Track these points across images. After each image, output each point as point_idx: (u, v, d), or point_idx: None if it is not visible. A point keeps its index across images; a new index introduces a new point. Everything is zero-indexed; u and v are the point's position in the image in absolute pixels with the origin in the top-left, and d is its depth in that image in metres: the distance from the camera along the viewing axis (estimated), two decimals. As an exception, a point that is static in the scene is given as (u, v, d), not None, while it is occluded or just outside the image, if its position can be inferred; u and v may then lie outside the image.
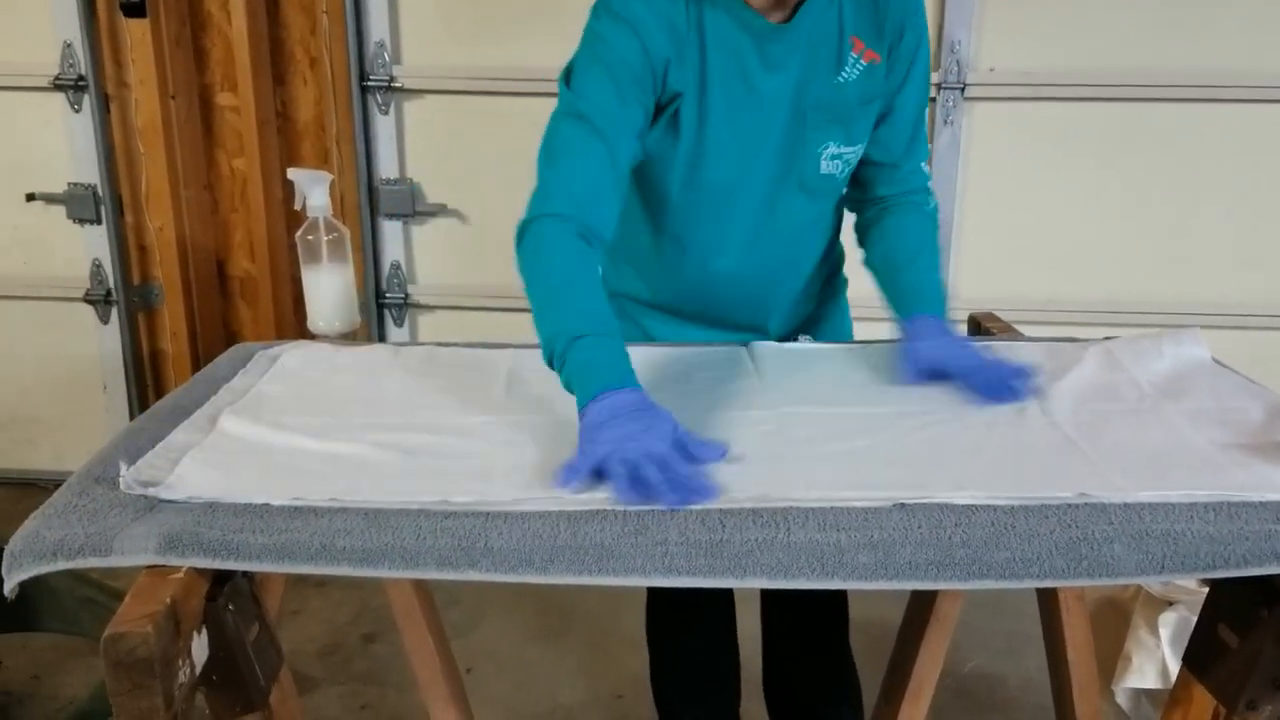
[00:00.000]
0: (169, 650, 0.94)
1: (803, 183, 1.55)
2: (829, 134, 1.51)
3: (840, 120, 1.51)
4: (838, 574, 1.02)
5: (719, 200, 1.55)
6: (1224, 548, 1.03)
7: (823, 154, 1.53)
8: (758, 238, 1.60)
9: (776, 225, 1.59)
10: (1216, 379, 1.44)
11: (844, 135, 1.52)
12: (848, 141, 1.53)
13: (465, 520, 1.06)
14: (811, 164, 1.53)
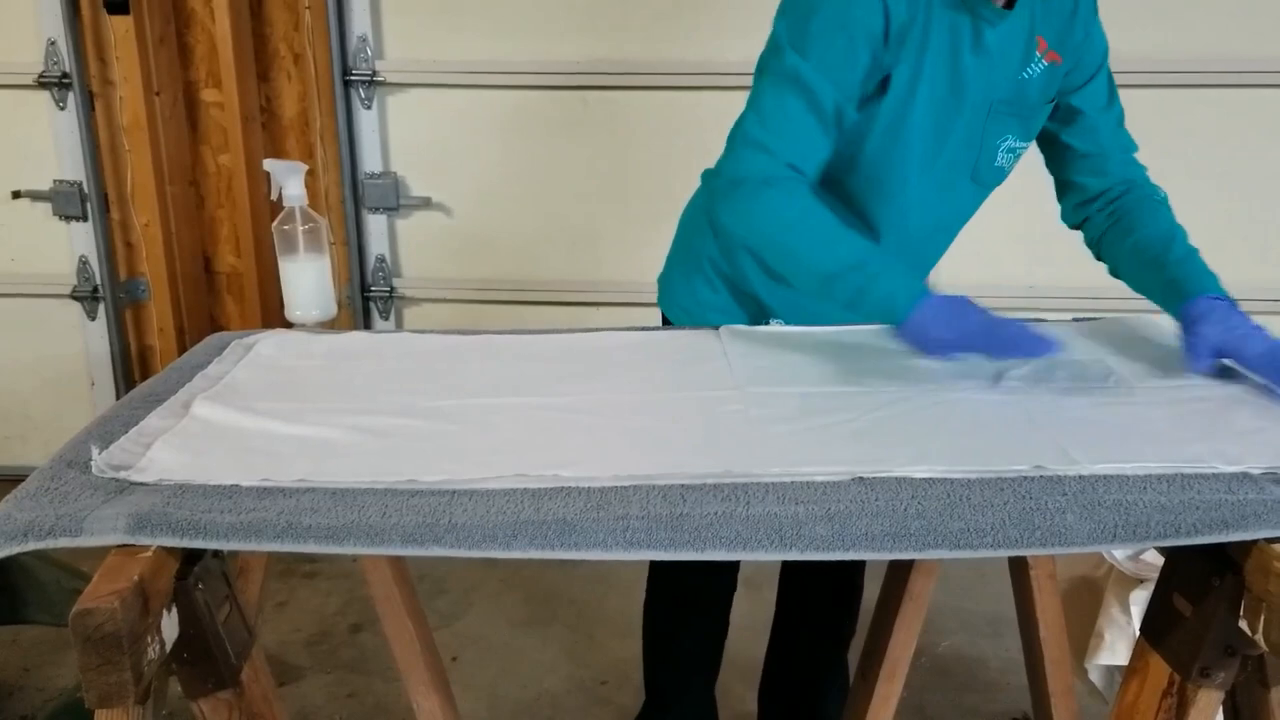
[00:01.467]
0: (136, 627, 0.96)
1: (976, 171, 1.60)
2: (1009, 127, 1.56)
3: (1020, 115, 1.55)
4: (795, 545, 1.04)
5: (902, 175, 1.56)
6: (1175, 517, 1.05)
7: (1000, 146, 1.57)
8: (924, 219, 1.62)
9: (943, 210, 1.63)
10: (1177, 355, 1.46)
11: (1022, 130, 1.57)
12: (1024, 137, 1.59)
13: (431, 498, 1.08)
14: (989, 154, 1.58)
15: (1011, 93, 1.53)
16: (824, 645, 2.01)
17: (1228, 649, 1.11)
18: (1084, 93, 1.59)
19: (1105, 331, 1.57)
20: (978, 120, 1.53)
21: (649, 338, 1.60)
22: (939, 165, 1.56)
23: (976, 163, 1.58)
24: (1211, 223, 2.98)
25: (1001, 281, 3.05)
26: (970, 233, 3.00)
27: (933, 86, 1.48)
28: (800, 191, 1.44)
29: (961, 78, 1.49)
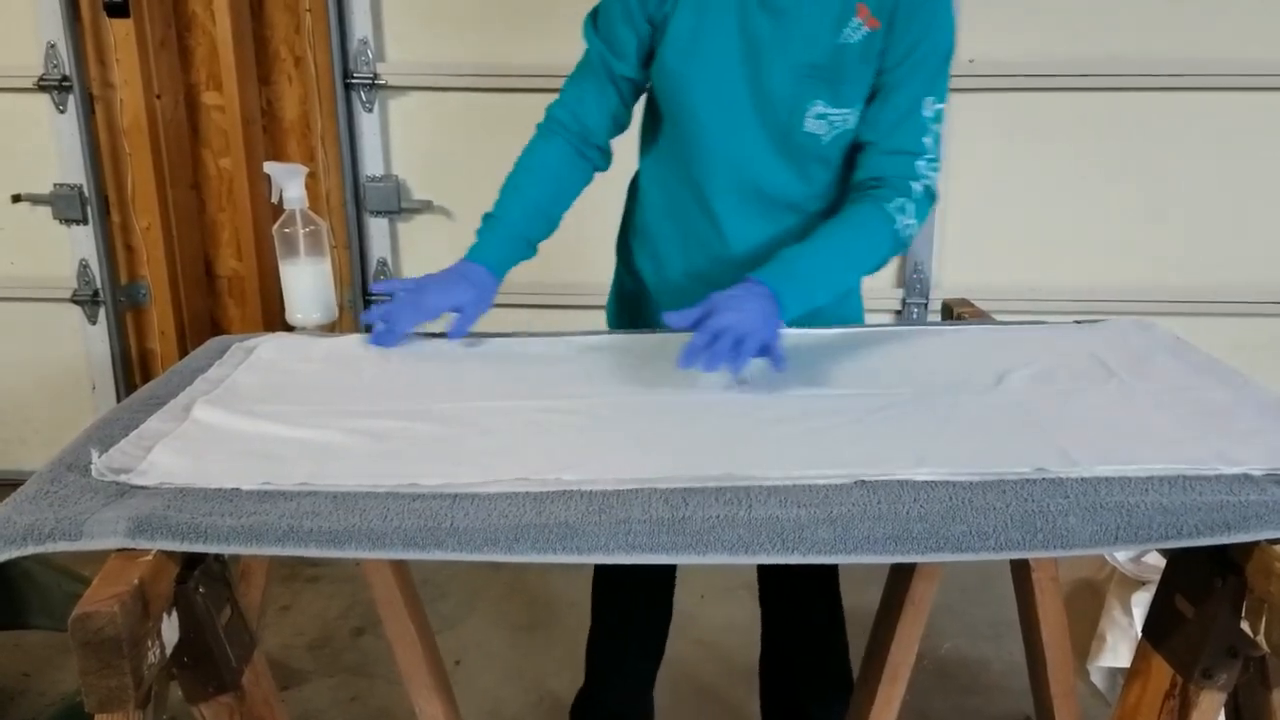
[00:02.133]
0: (136, 630, 0.95)
1: (787, 136, 1.57)
2: (817, 91, 1.53)
3: (829, 80, 1.52)
4: (797, 549, 1.04)
5: (704, 131, 1.59)
6: (1177, 518, 1.04)
7: (808, 111, 1.54)
8: (736, 181, 1.61)
9: (758, 174, 1.60)
10: (1180, 357, 1.47)
11: (831, 96, 1.53)
12: (835, 103, 1.53)
13: (432, 501, 1.07)
14: (797, 119, 1.55)
15: (824, 57, 1.51)
16: (813, 651, 2.00)
17: (1230, 650, 1.10)
18: (886, 74, 1.52)
19: (1106, 334, 1.57)
20: (785, 83, 1.53)
21: (648, 339, 1.60)
22: (745, 126, 1.57)
23: (787, 126, 1.55)
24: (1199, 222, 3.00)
25: (1003, 284, 3.05)
26: (971, 235, 3.02)
27: (719, 43, 1.53)
28: (537, 144, 1.71)
29: (753, 37, 1.51)
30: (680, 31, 1.55)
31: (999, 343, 1.57)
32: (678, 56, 1.57)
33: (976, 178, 2.99)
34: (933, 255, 3.04)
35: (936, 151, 1.57)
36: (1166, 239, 3.01)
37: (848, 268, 1.55)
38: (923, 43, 1.51)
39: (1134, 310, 2.95)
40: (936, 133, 1.56)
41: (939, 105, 1.55)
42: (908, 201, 1.54)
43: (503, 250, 1.67)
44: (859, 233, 1.53)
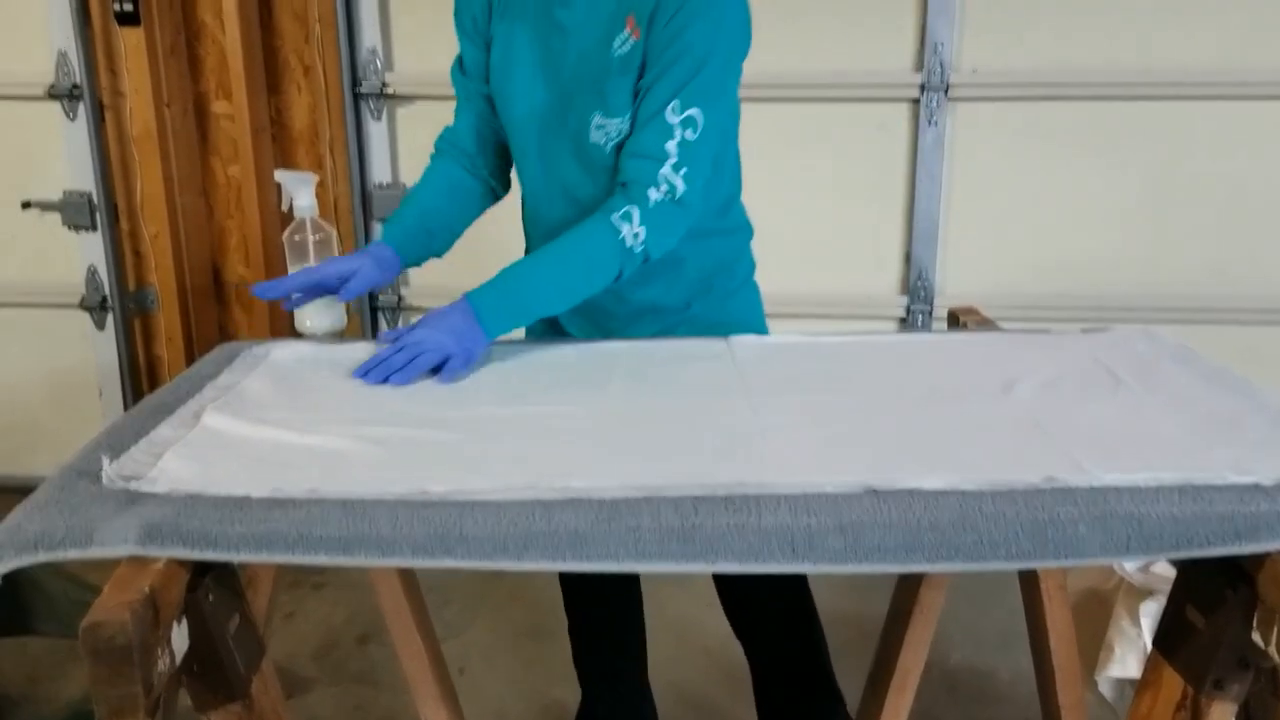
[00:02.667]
0: (147, 638, 0.95)
1: (578, 149, 1.59)
2: (595, 103, 1.55)
3: (601, 92, 1.53)
4: (808, 557, 1.04)
5: (522, 145, 1.67)
6: (1188, 528, 1.04)
7: (590, 123, 1.56)
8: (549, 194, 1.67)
9: (571, 187, 1.63)
10: (1188, 366, 1.46)
11: (603, 106, 1.54)
12: (608, 113, 1.54)
13: (442, 509, 1.07)
14: (584, 131, 1.57)
15: (598, 70, 1.52)
16: (795, 665, 1.99)
17: (1241, 661, 1.10)
18: (643, 80, 1.50)
19: (1113, 342, 1.57)
20: (575, 96, 1.56)
21: (655, 346, 1.61)
22: (553, 139, 1.62)
23: (577, 138, 1.58)
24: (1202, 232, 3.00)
25: (1008, 292, 3.05)
26: (975, 242, 3.02)
27: (524, 61, 1.60)
28: (432, 169, 1.80)
29: (549, 54, 1.57)
30: (497, 52, 1.64)
31: (1006, 351, 1.56)
32: (496, 75, 1.66)
33: (980, 185, 3.00)
34: (936, 262, 3.04)
35: (686, 158, 1.48)
36: (1170, 247, 3.01)
37: (565, 283, 1.52)
38: (671, 48, 1.46)
39: (1137, 318, 2.94)
40: (687, 140, 1.47)
41: (691, 111, 1.47)
42: (635, 209, 1.47)
43: (404, 236, 1.70)
44: (579, 247, 1.51)
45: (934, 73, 2.90)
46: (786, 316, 2.96)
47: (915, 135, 2.96)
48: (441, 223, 1.76)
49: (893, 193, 3.01)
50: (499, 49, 1.64)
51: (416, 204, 1.75)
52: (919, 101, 2.92)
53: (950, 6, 2.85)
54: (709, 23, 1.47)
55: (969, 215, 3.03)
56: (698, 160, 1.49)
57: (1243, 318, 3.02)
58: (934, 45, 2.88)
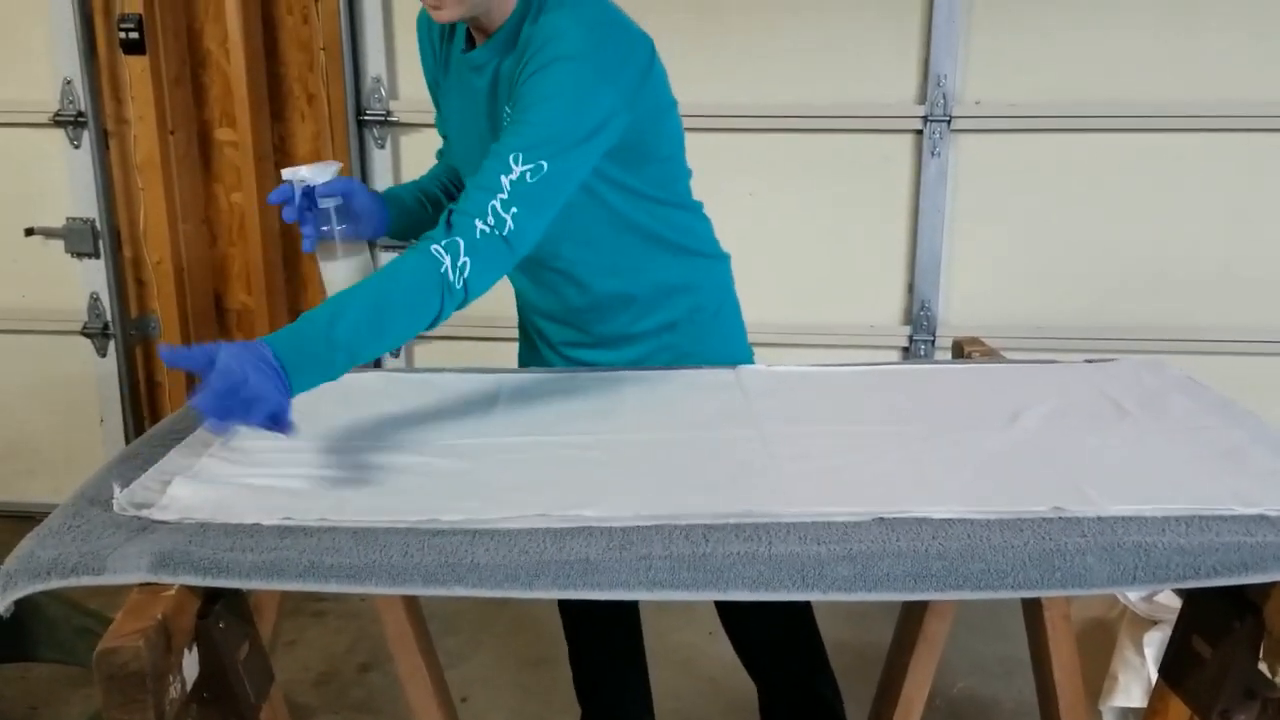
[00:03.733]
0: (160, 665, 0.96)
1: None
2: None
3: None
4: (818, 586, 1.04)
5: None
6: (1195, 559, 1.05)
7: None
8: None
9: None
10: (1193, 397, 1.47)
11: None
12: None
13: (452, 538, 1.08)
14: None
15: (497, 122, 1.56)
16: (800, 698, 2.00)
17: (1248, 692, 1.11)
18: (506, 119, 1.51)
19: (1118, 373, 1.58)
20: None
21: (665, 375, 1.61)
22: None
23: None
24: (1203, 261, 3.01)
25: (1011, 322, 3.06)
26: (977, 272, 3.04)
27: (455, 127, 1.70)
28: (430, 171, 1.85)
29: (468, 115, 1.62)
30: (441, 104, 1.73)
31: (1011, 381, 1.58)
32: (443, 125, 1.77)
33: (982, 216, 3.01)
34: (939, 293, 3.05)
35: (520, 199, 1.38)
36: (1172, 277, 3.03)
37: (381, 324, 1.30)
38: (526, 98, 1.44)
39: (1140, 348, 2.97)
40: (526, 181, 1.39)
41: (538, 159, 1.38)
42: (457, 241, 1.34)
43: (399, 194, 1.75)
44: (396, 281, 1.34)
45: (937, 105, 2.92)
46: (790, 346, 2.98)
47: (918, 166, 2.97)
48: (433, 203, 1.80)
49: (896, 223, 3.02)
50: (443, 102, 1.72)
51: (414, 184, 1.82)
52: (922, 133, 2.94)
53: (953, 39, 2.88)
54: (566, 75, 1.43)
55: (972, 246, 3.05)
56: (534, 204, 1.40)
57: (1246, 348, 3.03)
58: (937, 78, 2.90)
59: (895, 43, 2.91)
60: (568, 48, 1.42)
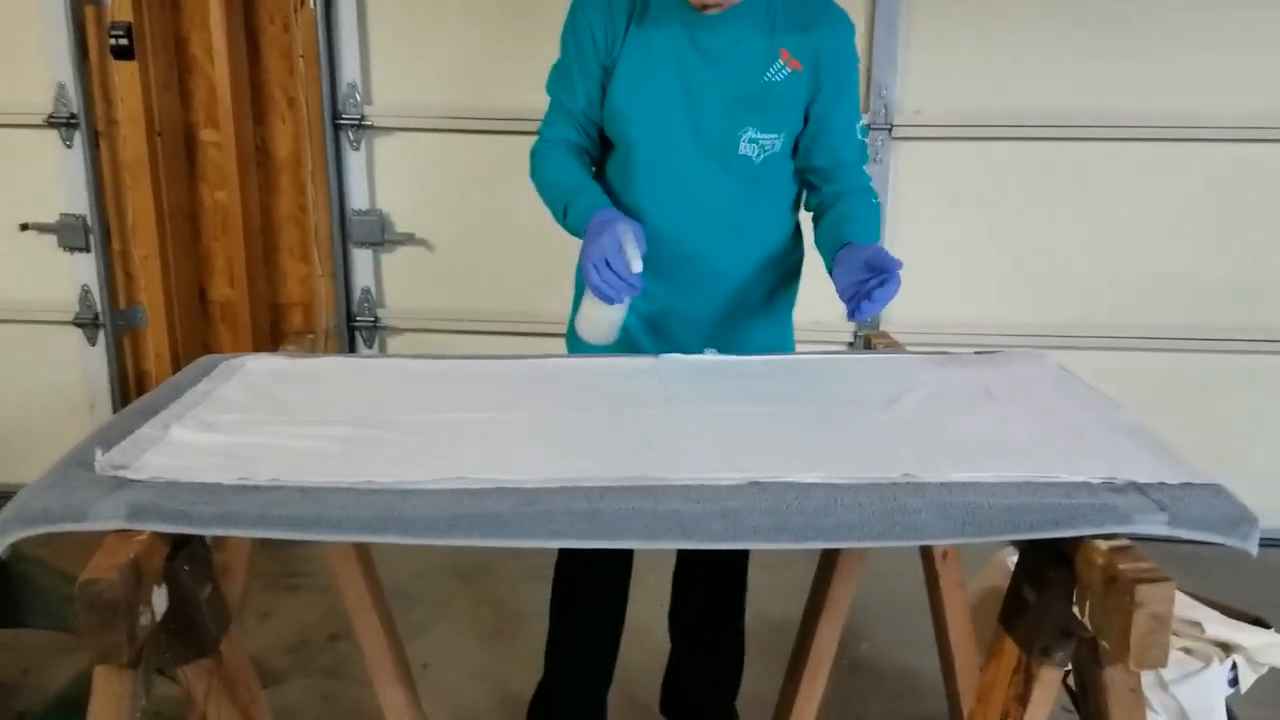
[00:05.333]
0: (132, 597, 1.13)
1: (724, 158, 1.85)
2: (749, 120, 1.83)
3: (759, 110, 1.82)
4: (694, 536, 1.22)
5: (648, 157, 1.88)
6: (1017, 516, 1.23)
7: (741, 136, 1.84)
8: (679, 200, 1.89)
9: (697, 192, 1.88)
10: (1057, 384, 1.65)
11: (761, 123, 1.83)
12: (765, 129, 1.84)
13: (384, 495, 1.25)
14: (732, 143, 1.84)
15: (753, 91, 1.82)
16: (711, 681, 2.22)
17: (1064, 632, 1.28)
18: (821, 103, 1.85)
19: (998, 363, 1.76)
20: (718, 113, 1.82)
21: (595, 363, 1.79)
22: (685, 152, 1.86)
23: (723, 150, 1.84)
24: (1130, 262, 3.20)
25: (948, 319, 3.25)
26: (917, 272, 3.20)
27: (659, 82, 1.83)
28: (551, 155, 1.93)
29: (689, 76, 1.82)
30: (626, 75, 1.84)
31: (903, 370, 1.76)
32: (624, 96, 1.85)
33: (922, 218, 3.20)
34: (881, 291, 3.22)
35: (868, 155, 1.97)
36: (1101, 276, 3.21)
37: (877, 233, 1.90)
38: (844, 82, 1.87)
39: (1073, 344, 3.16)
40: (865, 144, 1.96)
41: (862, 123, 1.94)
42: (875, 196, 1.94)
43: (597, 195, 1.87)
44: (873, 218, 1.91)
45: (879, 114, 3.10)
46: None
47: (861, 170, 3.15)
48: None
49: (840, 224, 3.20)
50: (631, 63, 1.84)
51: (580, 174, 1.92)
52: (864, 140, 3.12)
53: (893, 53, 3.07)
54: (855, 53, 1.89)
55: (912, 247, 3.20)
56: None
57: (1176, 345, 3.22)
58: (879, 88, 3.09)
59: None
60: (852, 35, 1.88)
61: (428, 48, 3.20)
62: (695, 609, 2.25)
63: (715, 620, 2.22)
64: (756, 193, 1.90)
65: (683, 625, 2.27)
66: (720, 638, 2.24)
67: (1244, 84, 3.04)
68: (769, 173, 1.88)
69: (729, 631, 2.23)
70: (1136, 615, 1.11)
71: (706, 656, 2.26)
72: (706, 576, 2.19)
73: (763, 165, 1.86)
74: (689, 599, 2.26)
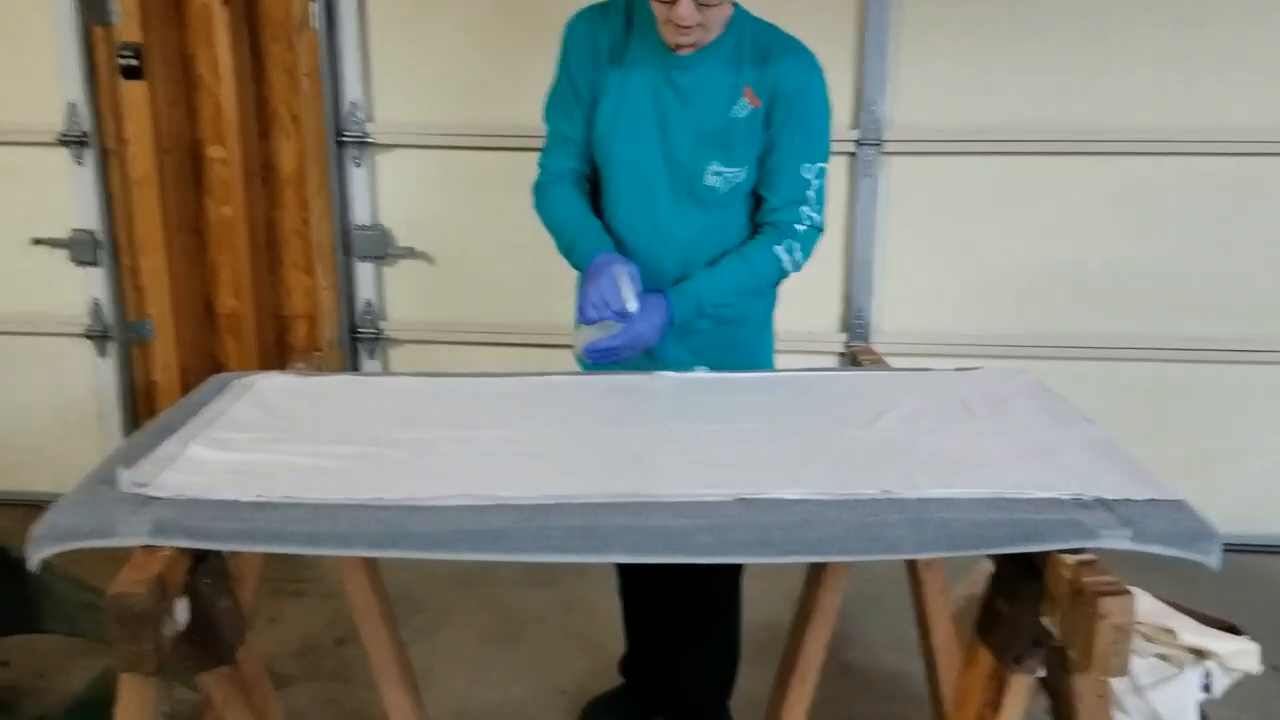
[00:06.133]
0: (157, 609, 1.21)
1: (692, 189, 1.97)
2: (713, 154, 1.94)
3: (723, 145, 1.94)
4: (682, 551, 1.30)
5: (628, 187, 2.00)
6: (988, 531, 1.30)
7: (707, 169, 1.95)
8: (657, 228, 2.00)
9: (673, 222, 1.99)
10: (1034, 400, 1.72)
11: (724, 157, 1.94)
12: (729, 163, 1.95)
13: (393, 511, 1.33)
14: (699, 175, 1.95)
15: (718, 127, 1.92)
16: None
17: (1035, 641, 1.36)
18: (769, 135, 1.94)
19: (977, 379, 1.84)
20: (687, 147, 1.94)
21: (590, 380, 1.87)
22: (658, 182, 1.97)
23: (691, 181, 1.95)
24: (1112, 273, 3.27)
25: (937, 329, 3.33)
26: (906, 284, 3.29)
27: (636, 116, 1.95)
28: (555, 190, 2.03)
29: (663, 111, 1.94)
30: (607, 108, 1.97)
31: (885, 386, 1.83)
32: (605, 129, 1.98)
33: (911, 231, 3.28)
34: (872, 302, 3.31)
35: (819, 197, 2.00)
36: (1085, 287, 3.29)
37: (736, 290, 1.99)
38: (792, 123, 1.94)
39: (1059, 354, 3.24)
40: (818, 186, 1.98)
41: (818, 165, 1.98)
42: (794, 241, 1.98)
43: (599, 236, 1.99)
44: (751, 267, 1.98)
45: (869, 129, 3.18)
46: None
47: (852, 186, 3.24)
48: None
49: (832, 239, 3.26)
50: (611, 97, 1.96)
51: (584, 213, 2.02)
52: (855, 155, 3.20)
53: (883, 70, 3.14)
54: (819, 94, 1.96)
55: (902, 259, 3.31)
56: (822, 199, 2.00)
57: (1160, 355, 3.30)
58: (868, 105, 3.16)
59: (829, 74, 3.13)
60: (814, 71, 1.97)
61: (429, 66, 3.28)
62: (690, 613, 2.33)
63: (710, 624, 2.30)
64: (724, 219, 2.01)
65: (678, 628, 2.35)
66: (715, 641, 2.31)
67: (1228, 99, 3.12)
68: (735, 201, 2.00)
69: (723, 635, 2.31)
70: (1099, 626, 1.18)
71: (701, 658, 2.34)
72: (700, 582, 2.27)
73: (728, 195, 1.98)
74: (684, 603, 2.34)
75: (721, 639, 2.31)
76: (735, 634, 2.33)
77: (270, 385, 1.82)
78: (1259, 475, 3.37)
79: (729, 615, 2.30)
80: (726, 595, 2.27)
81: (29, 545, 1.30)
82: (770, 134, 1.94)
